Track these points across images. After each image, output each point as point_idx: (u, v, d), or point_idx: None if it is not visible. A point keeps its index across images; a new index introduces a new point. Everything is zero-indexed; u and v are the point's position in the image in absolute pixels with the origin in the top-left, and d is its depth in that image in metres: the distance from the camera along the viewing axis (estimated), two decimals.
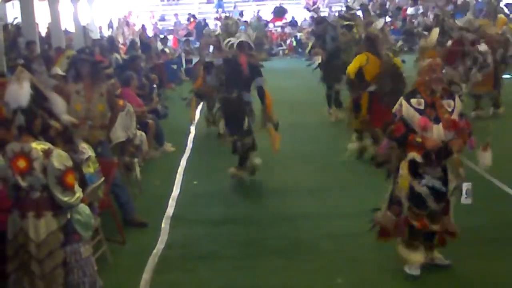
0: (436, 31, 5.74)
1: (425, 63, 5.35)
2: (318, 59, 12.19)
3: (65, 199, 4.60)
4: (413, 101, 5.29)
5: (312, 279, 5.72)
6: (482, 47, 11.35)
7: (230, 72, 8.32)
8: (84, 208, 4.80)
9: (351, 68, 9.22)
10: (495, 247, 6.03)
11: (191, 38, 25.20)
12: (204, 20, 29.08)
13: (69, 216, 4.72)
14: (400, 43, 10.37)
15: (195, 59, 21.90)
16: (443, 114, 5.28)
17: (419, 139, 5.18)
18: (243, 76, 8.24)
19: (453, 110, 5.33)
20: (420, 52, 5.56)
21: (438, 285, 5.44)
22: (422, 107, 5.27)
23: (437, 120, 5.24)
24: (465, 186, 5.33)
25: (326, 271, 5.82)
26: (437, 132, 5.22)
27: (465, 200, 5.34)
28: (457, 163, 5.34)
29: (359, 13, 13.99)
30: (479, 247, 6.03)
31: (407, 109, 5.28)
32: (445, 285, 5.45)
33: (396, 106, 5.37)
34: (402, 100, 5.35)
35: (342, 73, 11.45)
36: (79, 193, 4.71)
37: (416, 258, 5.45)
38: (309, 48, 13.42)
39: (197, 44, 26.67)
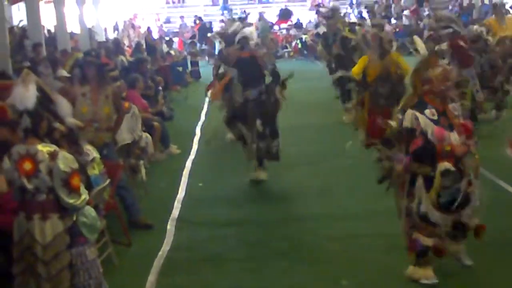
0: (421, 45, 5.66)
1: (437, 72, 5.22)
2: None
3: (71, 201, 4.61)
4: (427, 112, 5.16)
5: (317, 281, 5.72)
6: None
7: (245, 71, 8.30)
8: (90, 210, 4.81)
9: (355, 69, 9.32)
10: (499, 249, 6.00)
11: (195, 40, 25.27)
12: (210, 23, 29.09)
13: (74, 218, 4.74)
14: (395, 44, 10.36)
15: (200, 61, 22.02)
16: (455, 120, 5.23)
17: (448, 148, 5.08)
18: (259, 70, 8.29)
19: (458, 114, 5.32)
20: (422, 62, 5.39)
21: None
22: (436, 117, 5.15)
23: (451, 127, 5.17)
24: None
25: (331, 273, 5.81)
26: (454, 139, 5.14)
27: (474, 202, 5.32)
28: (477, 163, 5.31)
29: (365, 14, 14.04)
30: (484, 249, 6.00)
31: (424, 121, 5.14)
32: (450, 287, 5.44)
33: (411, 121, 5.17)
34: (415, 113, 5.16)
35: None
36: (84, 195, 4.71)
37: (429, 273, 5.37)
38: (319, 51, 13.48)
39: (203, 46, 26.87)
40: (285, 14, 29.37)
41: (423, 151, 5.16)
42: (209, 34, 27.79)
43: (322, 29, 13.16)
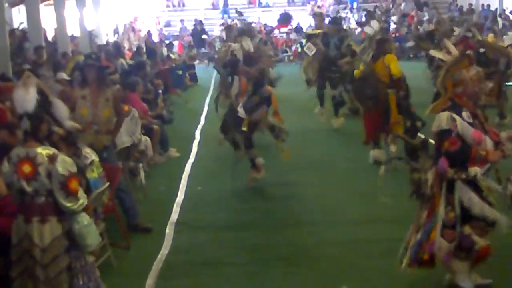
0: (452, 47, 5.51)
1: (472, 73, 5.08)
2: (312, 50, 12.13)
3: (68, 205, 4.59)
4: (464, 114, 4.98)
5: (318, 286, 5.71)
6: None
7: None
8: (83, 218, 4.72)
9: (357, 72, 9.45)
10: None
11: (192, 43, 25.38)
12: (201, 24, 28.92)
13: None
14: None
15: (198, 66, 21.99)
16: (486, 125, 5.12)
17: (483, 152, 4.93)
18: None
19: None
20: (454, 64, 5.16)
21: None
22: (471, 120, 5.00)
23: (485, 131, 5.04)
24: None
25: (332, 278, 5.80)
26: (489, 143, 4.99)
27: None
28: None
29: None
30: None
31: (461, 124, 4.95)
32: None
33: (448, 122, 4.96)
34: (452, 114, 4.98)
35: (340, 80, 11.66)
36: (83, 200, 4.69)
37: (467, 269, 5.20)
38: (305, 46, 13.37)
39: (202, 50, 26.86)
40: (285, 19, 29.37)
41: (458, 154, 4.97)
42: (204, 36, 27.85)
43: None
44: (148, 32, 26.63)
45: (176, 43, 26.55)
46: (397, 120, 8.95)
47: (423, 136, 6.18)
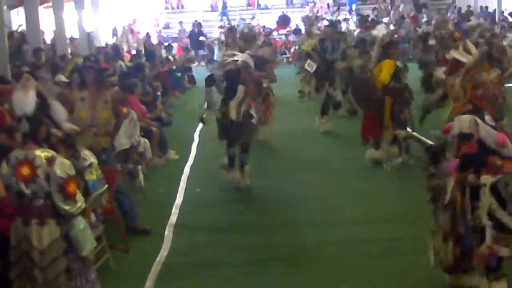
0: (473, 48, 5.42)
1: (493, 76, 5.00)
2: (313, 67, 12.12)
3: (66, 207, 4.59)
4: (487, 118, 4.87)
5: (317, 286, 5.72)
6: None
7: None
8: (80, 221, 4.72)
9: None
10: None
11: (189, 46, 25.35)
12: (200, 24, 28.89)
13: None
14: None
15: (196, 68, 21.96)
16: (505, 128, 5.03)
17: (499, 162, 4.76)
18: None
19: None
20: (474, 66, 5.07)
21: None
22: (493, 123, 4.89)
23: (506, 135, 4.92)
24: None
25: (331, 279, 5.81)
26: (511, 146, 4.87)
27: None
28: None
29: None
30: None
31: (483, 128, 4.81)
32: None
33: (470, 126, 4.82)
34: (474, 118, 4.84)
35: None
36: (81, 203, 4.69)
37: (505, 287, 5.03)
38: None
39: (201, 52, 26.83)
40: (284, 20, 29.48)
41: (473, 159, 4.85)
42: (201, 38, 27.82)
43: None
44: (147, 34, 26.62)
45: (175, 45, 26.52)
46: (388, 125, 8.97)
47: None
